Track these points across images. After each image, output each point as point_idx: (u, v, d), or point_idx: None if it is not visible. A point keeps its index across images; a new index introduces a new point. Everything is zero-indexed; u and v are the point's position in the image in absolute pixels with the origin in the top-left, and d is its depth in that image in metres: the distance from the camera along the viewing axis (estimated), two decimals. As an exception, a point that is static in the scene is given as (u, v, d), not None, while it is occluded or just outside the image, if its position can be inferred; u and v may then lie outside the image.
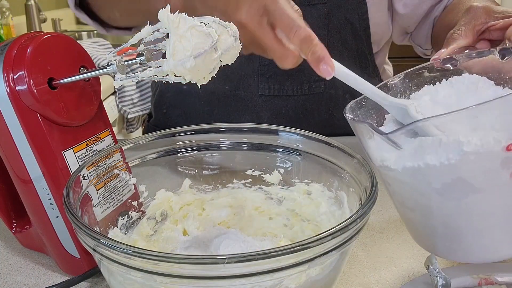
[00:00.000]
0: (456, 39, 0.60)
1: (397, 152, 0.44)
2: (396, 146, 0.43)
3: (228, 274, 0.36)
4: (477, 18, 0.61)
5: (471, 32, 0.61)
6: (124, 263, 0.38)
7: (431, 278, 0.47)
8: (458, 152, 0.41)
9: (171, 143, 0.58)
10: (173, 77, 0.43)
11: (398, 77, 0.57)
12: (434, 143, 0.42)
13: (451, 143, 0.41)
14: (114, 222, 0.53)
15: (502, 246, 0.47)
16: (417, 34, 0.95)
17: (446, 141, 0.42)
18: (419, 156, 0.43)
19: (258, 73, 0.87)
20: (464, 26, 0.61)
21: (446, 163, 0.42)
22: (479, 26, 0.61)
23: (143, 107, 2.11)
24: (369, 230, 0.62)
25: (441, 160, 0.42)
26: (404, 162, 0.44)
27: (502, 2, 2.86)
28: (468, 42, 0.60)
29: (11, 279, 0.55)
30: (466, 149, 0.41)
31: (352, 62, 0.90)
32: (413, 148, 0.43)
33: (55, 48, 0.51)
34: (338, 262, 0.43)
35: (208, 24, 0.44)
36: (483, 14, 0.61)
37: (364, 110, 0.52)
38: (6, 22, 2.08)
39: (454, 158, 0.41)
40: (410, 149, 0.43)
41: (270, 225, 0.58)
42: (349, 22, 0.87)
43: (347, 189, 0.51)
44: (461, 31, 0.61)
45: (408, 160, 0.44)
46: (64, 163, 0.51)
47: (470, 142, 0.41)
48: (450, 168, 0.42)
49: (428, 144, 0.42)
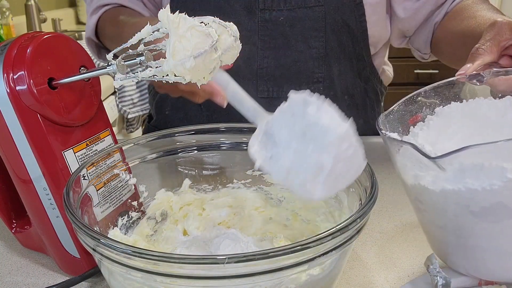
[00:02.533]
0: (481, 54, 0.59)
1: (434, 172, 0.44)
2: (441, 168, 0.43)
3: (228, 274, 0.36)
4: (502, 34, 0.60)
5: (496, 48, 0.59)
6: (124, 263, 0.38)
7: (431, 278, 0.47)
8: (501, 178, 0.41)
9: (171, 143, 0.58)
10: (173, 77, 0.43)
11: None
12: (476, 168, 0.42)
13: (493, 169, 0.42)
14: (114, 222, 0.53)
15: None
16: (416, 38, 0.95)
17: (489, 166, 0.42)
18: (459, 180, 0.43)
19: (257, 76, 0.87)
20: (489, 42, 0.60)
21: (488, 188, 0.42)
22: (504, 42, 0.60)
23: (143, 107, 2.11)
24: (369, 230, 0.62)
25: (483, 185, 0.42)
26: (443, 184, 0.44)
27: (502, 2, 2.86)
28: (493, 58, 0.59)
29: (11, 279, 0.55)
30: (510, 175, 0.41)
31: (349, 64, 0.90)
32: (453, 170, 0.43)
33: (55, 48, 0.51)
34: (338, 262, 0.43)
35: (208, 24, 0.44)
36: (508, 30, 0.60)
37: (391, 122, 0.52)
38: (6, 22, 2.08)
39: (497, 184, 0.42)
40: (450, 171, 0.43)
41: (270, 225, 0.58)
42: (346, 24, 0.86)
43: (347, 189, 0.51)
44: (486, 47, 0.59)
45: (447, 182, 0.44)
46: (64, 163, 0.51)
47: None
48: (492, 193, 0.42)
49: (470, 168, 0.42)
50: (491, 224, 0.44)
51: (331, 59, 0.87)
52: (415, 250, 0.57)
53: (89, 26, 0.92)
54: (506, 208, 0.43)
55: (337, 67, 0.88)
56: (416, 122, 0.53)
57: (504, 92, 0.51)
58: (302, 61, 0.86)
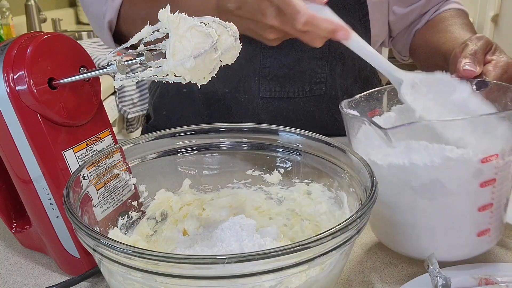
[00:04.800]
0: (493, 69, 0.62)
1: (384, 150, 0.49)
2: (389, 143, 0.47)
3: (228, 274, 0.36)
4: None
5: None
6: (124, 263, 0.38)
7: (431, 278, 0.47)
8: (441, 156, 0.47)
9: (171, 143, 0.58)
10: (173, 77, 0.43)
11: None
12: (421, 147, 0.47)
13: (435, 148, 0.47)
14: (114, 222, 0.53)
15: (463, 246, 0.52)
16: (397, 41, 0.99)
17: (432, 146, 0.47)
18: (405, 155, 0.48)
19: (259, 75, 0.87)
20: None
21: (429, 165, 0.47)
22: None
23: (143, 107, 2.11)
24: (369, 230, 0.62)
25: (425, 161, 0.47)
26: (391, 159, 0.49)
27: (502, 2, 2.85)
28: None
29: (11, 279, 0.55)
30: (449, 155, 0.47)
31: (351, 64, 0.90)
32: (401, 147, 0.48)
33: (55, 48, 0.51)
34: (338, 262, 0.43)
35: (208, 24, 0.44)
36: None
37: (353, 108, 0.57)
38: (6, 22, 2.08)
39: (437, 161, 0.47)
40: (399, 148, 0.48)
41: (270, 224, 0.58)
42: (350, 24, 0.87)
43: (347, 189, 0.51)
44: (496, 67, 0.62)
45: (394, 157, 0.49)
46: (64, 163, 0.51)
47: (453, 150, 0.47)
48: (432, 169, 0.47)
49: (415, 147, 0.47)
50: (428, 201, 0.49)
51: (334, 59, 0.88)
52: (415, 250, 0.57)
53: (112, 7, 0.83)
54: (442, 186, 0.48)
55: (340, 67, 0.89)
56: (374, 116, 0.59)
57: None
58: (305, 61, 0.86)
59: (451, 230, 0.51)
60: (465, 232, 0.51)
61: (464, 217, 0.50)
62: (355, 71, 0.92)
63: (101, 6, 0.84)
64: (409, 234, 0.52)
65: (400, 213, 0.51)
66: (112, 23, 0.85)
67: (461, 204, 0.49)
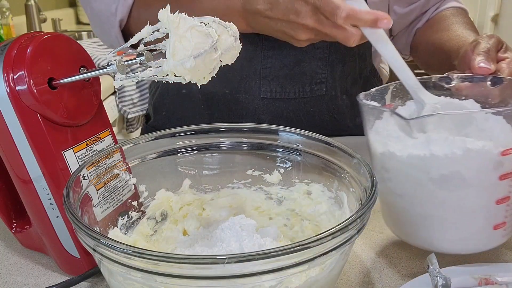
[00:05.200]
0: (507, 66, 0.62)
1: (403, 141, 0.49)
2: (411, 133, 0.48)
3: (228, 274, 0.36)
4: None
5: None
6: (124, 263, 0.38)
7: (431, 278, 0.47)
8: (462, 148, 0.47)
9: (171, 143, 0.58)
10: (173, 77, 0.43)
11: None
12: (441, 138, 0.47)
13: (456, 140, 0.47)
14: (114, 222, 0.53)
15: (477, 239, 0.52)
16: (398, 40, 0.99)
17: (452, 139, 0.47)
18: (425, 146, 0.48)
19: (260, 76, 0.87)
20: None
21: (450, 156, 0.47)
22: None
23: (143, 107, 2.11)
24: (369, 230, 0.62)
25: (445, 152, 0.47)
26: (411, 150, 0.49)
27: (502, 2, 2.86)
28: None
29: (11, 279, 0.55)
30: (470, 146, 0.46)
31: (352, 64, 0.90)
32: (421, 138, 0.48)
33: (55, 48, 0.51)
34: (338, 262, 0.43)
35: (208, 24, 0.44)
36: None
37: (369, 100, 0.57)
38: (6, 22, 2.08)
39: (457, 152, 0.47)
40: (419, 139, 0.48)
41: (270, 224, 0.58)
42: None
43: (347, 189, 0.51)
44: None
45: (414, 148, 0.48)
46: (64, 163, 0.51)
47: (474, 142, 0.47)
48: (453, 160, 0.47)
49: (436, 138, 0.47)
50: (447, 193, 0.49)
51: (335, 60, 0.88)
52: (415, 250, 0.57)
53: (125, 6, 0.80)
54: (462, 178, 0.48)
55: (340, 67, 0.89)
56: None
57: (467, 97, 0.57)
58: (305, 62, 0.86)
59: (467, 222, 0.50)
60: (481, 225, 0.50)
61: (481, 210, 0.49)
62: (356, 72, 0.92)
63: (110, 4, 0.81)
64: (425, 226, 0.52)
65: (417, 204, 0.51)
66: (122, 22, 0.83)
67: (479, 197, 0.49)
